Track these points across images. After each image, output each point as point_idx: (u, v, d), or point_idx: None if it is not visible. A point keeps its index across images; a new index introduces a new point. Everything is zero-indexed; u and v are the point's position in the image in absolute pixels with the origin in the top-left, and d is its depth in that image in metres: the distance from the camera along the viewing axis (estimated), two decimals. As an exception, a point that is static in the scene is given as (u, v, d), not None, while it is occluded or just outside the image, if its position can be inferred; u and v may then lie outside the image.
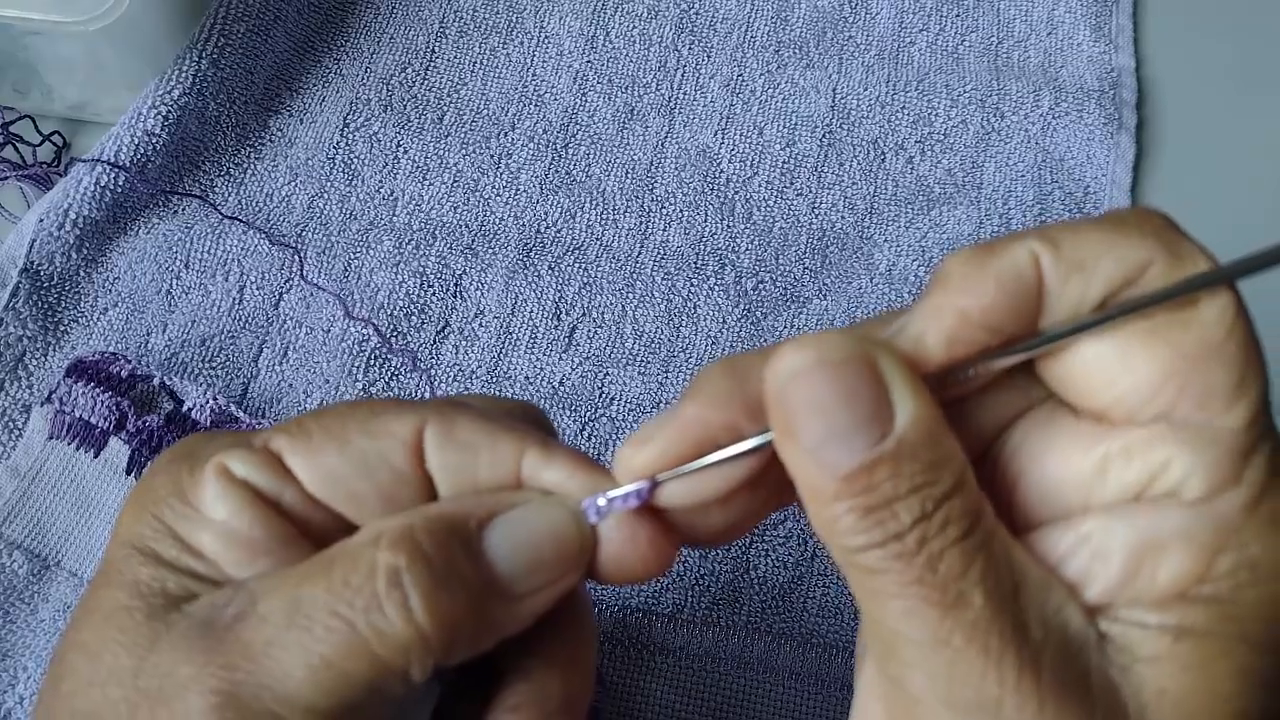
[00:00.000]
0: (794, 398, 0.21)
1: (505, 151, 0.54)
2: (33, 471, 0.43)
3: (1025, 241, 0.21)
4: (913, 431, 0.20)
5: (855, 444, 0.20)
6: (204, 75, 0.51)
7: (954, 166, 0.54)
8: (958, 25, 0.58)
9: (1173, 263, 0.21)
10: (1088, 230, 0.22)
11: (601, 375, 0.48)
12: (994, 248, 0.21)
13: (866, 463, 0.20)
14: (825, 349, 0.21)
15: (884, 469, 0.20)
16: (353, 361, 0.48)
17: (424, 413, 0.24)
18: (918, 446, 0.20)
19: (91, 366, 0.44)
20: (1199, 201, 0.54)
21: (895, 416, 0.20)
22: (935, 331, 0.21)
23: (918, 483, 0.20)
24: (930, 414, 0.21)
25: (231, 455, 0.24)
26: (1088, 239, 0.21)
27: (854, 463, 0.20)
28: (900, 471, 0.20)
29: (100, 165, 0.49)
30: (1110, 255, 0.21)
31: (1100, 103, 0.54)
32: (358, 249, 0.50)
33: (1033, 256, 0.21)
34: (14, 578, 0.42)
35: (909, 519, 0.20)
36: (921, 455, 0.20)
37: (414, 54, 0.57)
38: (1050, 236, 0.21)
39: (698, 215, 0.52)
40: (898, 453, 0.20)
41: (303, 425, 0.25)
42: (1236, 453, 0.21)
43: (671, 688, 0.42)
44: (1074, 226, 0.22)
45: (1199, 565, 0.20)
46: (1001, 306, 0.21)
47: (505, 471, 0.25)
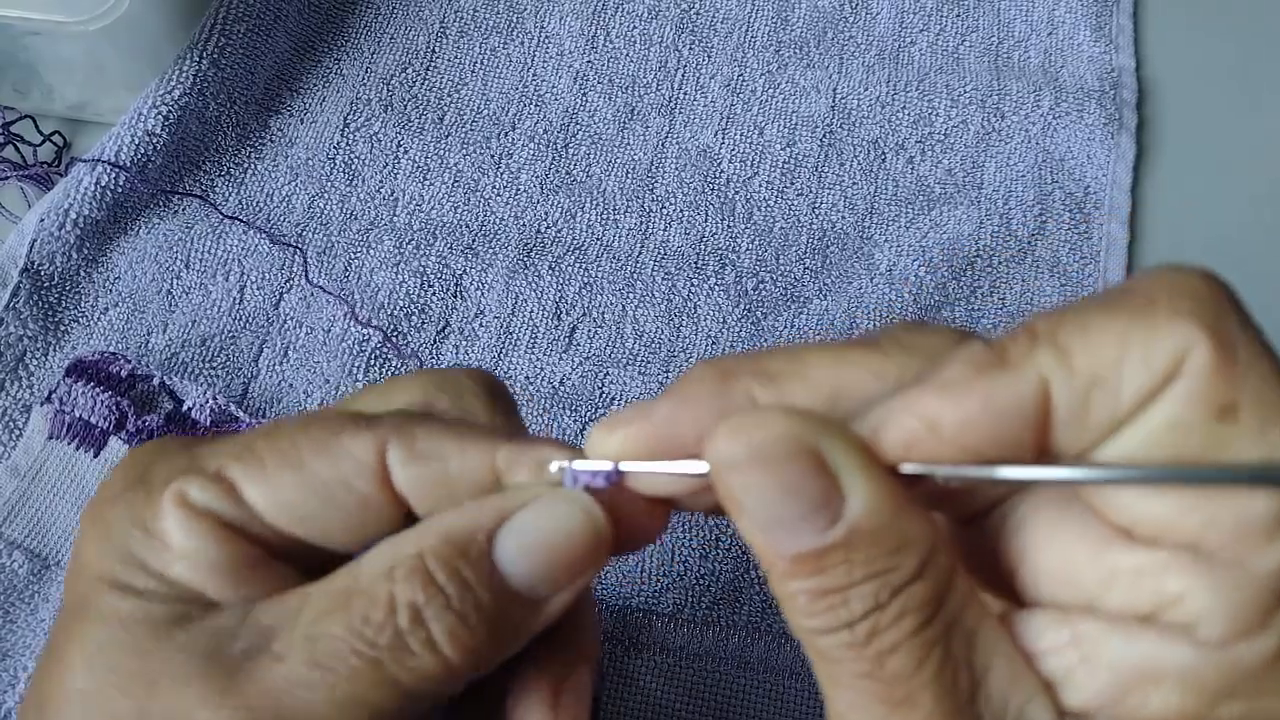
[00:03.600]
0: (734, 486, 0.20)
1: (506, 151, 0.54)
2: (33, 471, 0.43)
3: (1037, 357, 0.19)
4: (866, 519, 0.19)
5: (802, 532, 0.19)
6: (204, 75, 0.51)
7: (954, 166, 0.54)
8: (958, 25, 0.58)
9: (1215, 359, 0.18)
10: (1106, 319, 0.18)
11: (602, 375, 0.48)
12: (1005, 360, 0.19)
13: (815, 551, 0.19)
14: (763, 442, 0.19)
15: (835, 555, 0.19)
16: (353, 361, 0.48)
17: (381, 430, 0.23)
18: (873, 533, 0.19)
19: (91, 366, 0.44)
20: (1199, 201, 0.54)
21: (846, 503, 0.19)
22: (895, 431, 0.19)
23: (873, 570, 0.19)
24: (887, 498, 0.19)
25: (189, 482, 0.23)
26: (1106, 337, 0.18)
27: (801, 549, 0.19)
28: (853, 558, 0.19)
29: (101, 165, 0.49)
30: (1134, 359, 0.18)
31: (1101, 103, 0.54)
32: (358, 249, 0.50)
33: (1039, 384, 0.18)
34: (14, 577, 0.42)
35: (861, 608, 0.19)
36: (879, 541, 0.19)
37: (414, 54, 0.57)
38: (1063, 346, 0.18)
39: (698, 215, 0.52)
40: (849, 541, 0.19)
41: (253, 450, 0.23)
42: (1267, 597, 0.18)
43: (672, 687, 0.42)
44: (1092, 316, 0.18)
45: (1198, 708, 0.19)
46: (978, 432, 0.19)
47: (479, 475, 0.24)
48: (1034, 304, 0.50)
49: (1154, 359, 0.18)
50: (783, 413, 0.20)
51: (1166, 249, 0.53)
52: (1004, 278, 0.51)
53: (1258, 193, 0.54)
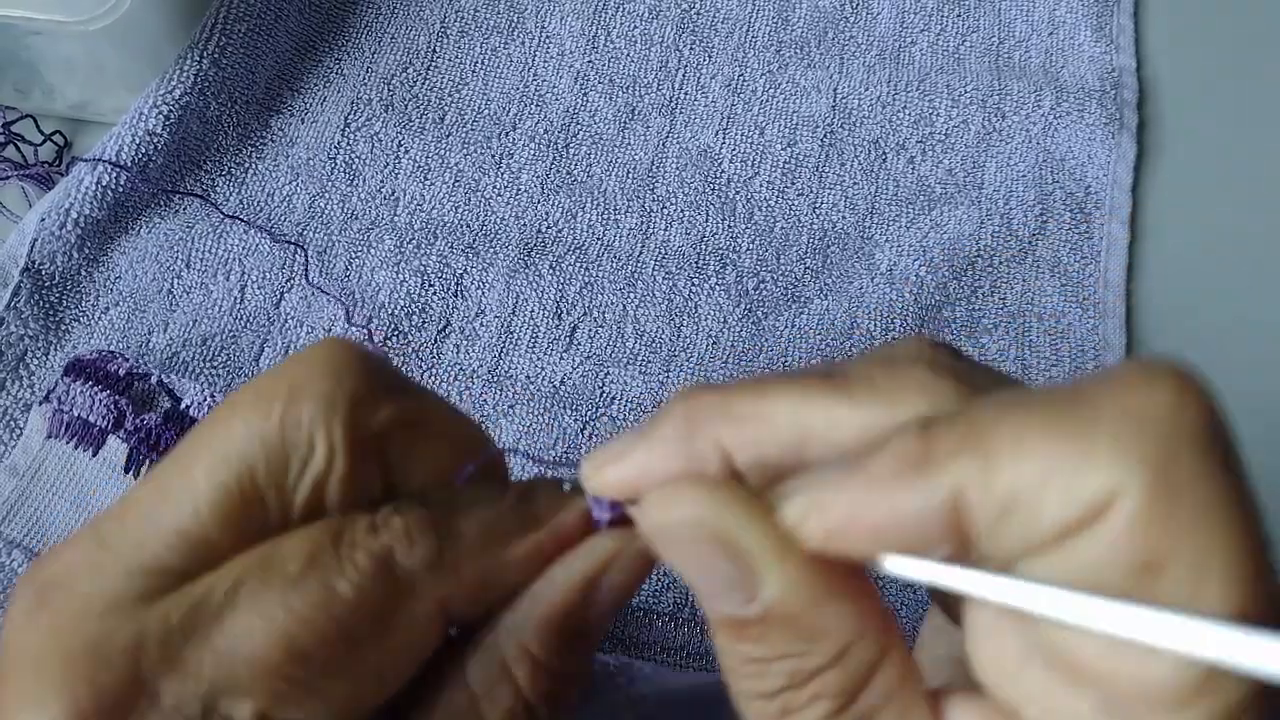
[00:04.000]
0: (662, 555, 0.20)
1: (506, 151, 0.54)
2: (31, 470, 0.43)
3: (956, 465, 0.17)
4: (780, 605, 0.19)
5: (727, 600, 0.19)
6: (205, 75, 0.51)
7: (955, 166, 0.54)
8: (959, 25, 0.58)
9: (1152, 497, 0.16)
10: (1038, 441, 0.16)
11: (602, 375, 0.48)
12: (927, 461, 0.18)
13: (736, 620, 0.19)
14: (677, 524, 0.20)
15: (753, 630, 0.19)
16: (353, 361, 0.48)
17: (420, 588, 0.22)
18: (785, 619, 0.19)
19: (89, 365, 0.44)
20: (1199, 201, 0.54)
21: (760, 587, 0.19)
22: (815, 522, 0.19)
23: (787, 652, 0.19)
24: (804, 585, 0.19)
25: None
26: (1033, 459, 0.16)
27: (722, 615, 0.19)
28: (767, 638, 0.19)
29: (101, 165, 0.49)
30: (1057, 488, 0.16)
31: (1101, 103, 0.54)
32: (359, 248, 0.50)
33: (955, 495, 0.17)
34: (14, 576, 0.42)
35: (777, 683, 0.19)
36: (791, 626, 0.19)
37: (415, 54, 0.57)
38: (990, 452, 0.17)
39: (699, 215, 0.52)
40: (764, 620, 0.19)
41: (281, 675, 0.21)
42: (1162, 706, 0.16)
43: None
44: (1023, 433, 0.17)
45: None
46: (900, 536, 0.18)
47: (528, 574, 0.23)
48: (1034, 304, 0.50)
49: (1079, 494, 0.16)
50: (701, 495, 0.20)
51: (1166, 249, 0.53)
52: (1004, 278, 0.51)
53: (1258, 192, 0.54)
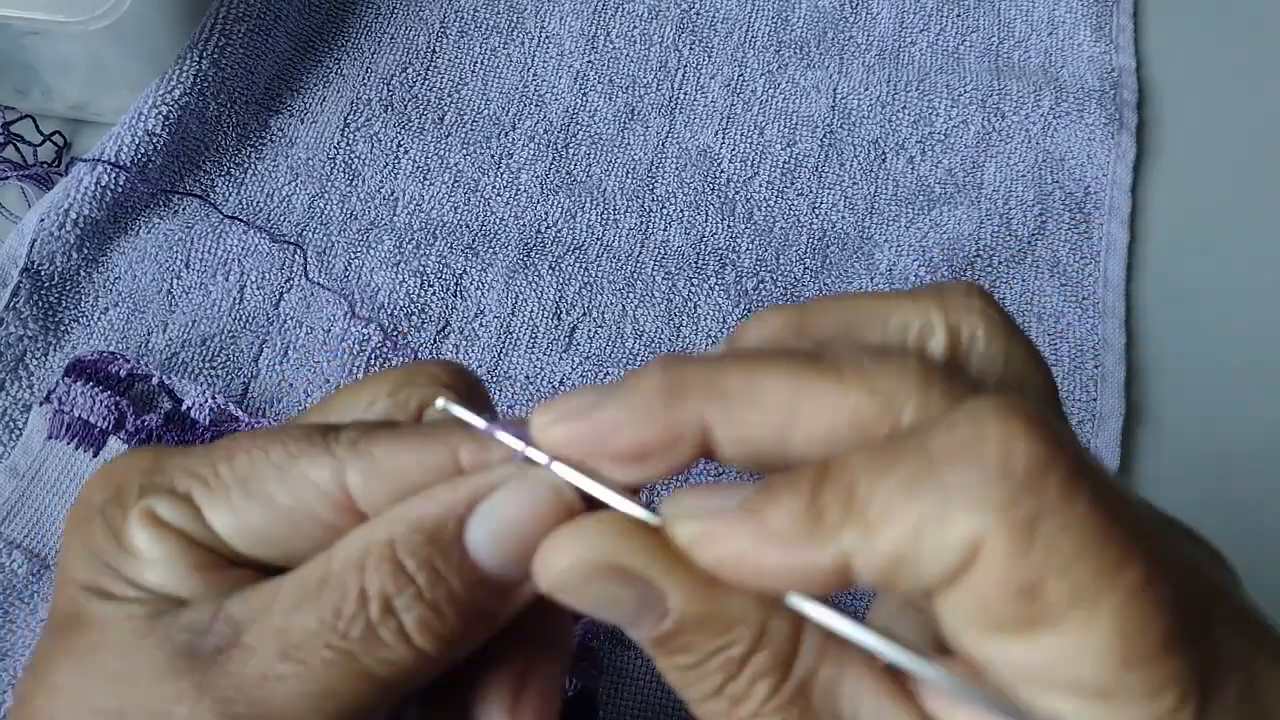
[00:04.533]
0: (568, 601, 0.21)
1: (506, 151, 0.54)
2: (32, 471, 0.43)
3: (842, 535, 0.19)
4: (689, 609, 0.20)
5: (643, 625, 0.20)
6: (205, 75, 0.51)
7: (954, 166, 0.54)
8: (958, 25, 0.58)
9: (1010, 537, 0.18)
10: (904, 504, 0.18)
11: (602, 375, 0.48)
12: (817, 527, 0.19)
13: (658, 638, 0.20)
14: (569, 570, 0.20)
15: (678, 641, 0.20)
16: (353, 361, 0.48)
17: (340, 452, 0.23)
18: (699, 618, 0.20)
19: (90, 366, 0.44)
20: (1199, 201, 0.54)
21: (666, 601, 0.20)
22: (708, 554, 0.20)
23: (715, 646, 0.20)
24: (702, 588, 0.20)
25: (157, 501, 0.23)
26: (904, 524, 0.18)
27: (648, 638, 0.20)
28: (692, 645, 0.20)
29: (101, 165, 0.49)
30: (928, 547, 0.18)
31: (1101, 103, 0.54)
32: (358, 249, 0.50)
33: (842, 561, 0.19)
34: (13, 577, 0.42)
35: (717, 680, 0.20)
36: (707, 624, 0.20)
37: (415, 54, 0.57)
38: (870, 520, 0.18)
39: (698, 215, 0.52)
40: (681, 628, 0.20)
41: (218, 474, 0.23)
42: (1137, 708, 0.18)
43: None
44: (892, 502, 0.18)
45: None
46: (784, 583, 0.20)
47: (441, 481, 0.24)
48: (1034, 304, 0.50)
49: (947, 549, 0.18)
50: (581, 533, 0.21)
51: (1167, 249, 0.53)
52: (1004, 278, 0.51)
53: (1257, 192, 0.54)
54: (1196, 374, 0.50)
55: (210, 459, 0.24)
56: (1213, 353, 0.50)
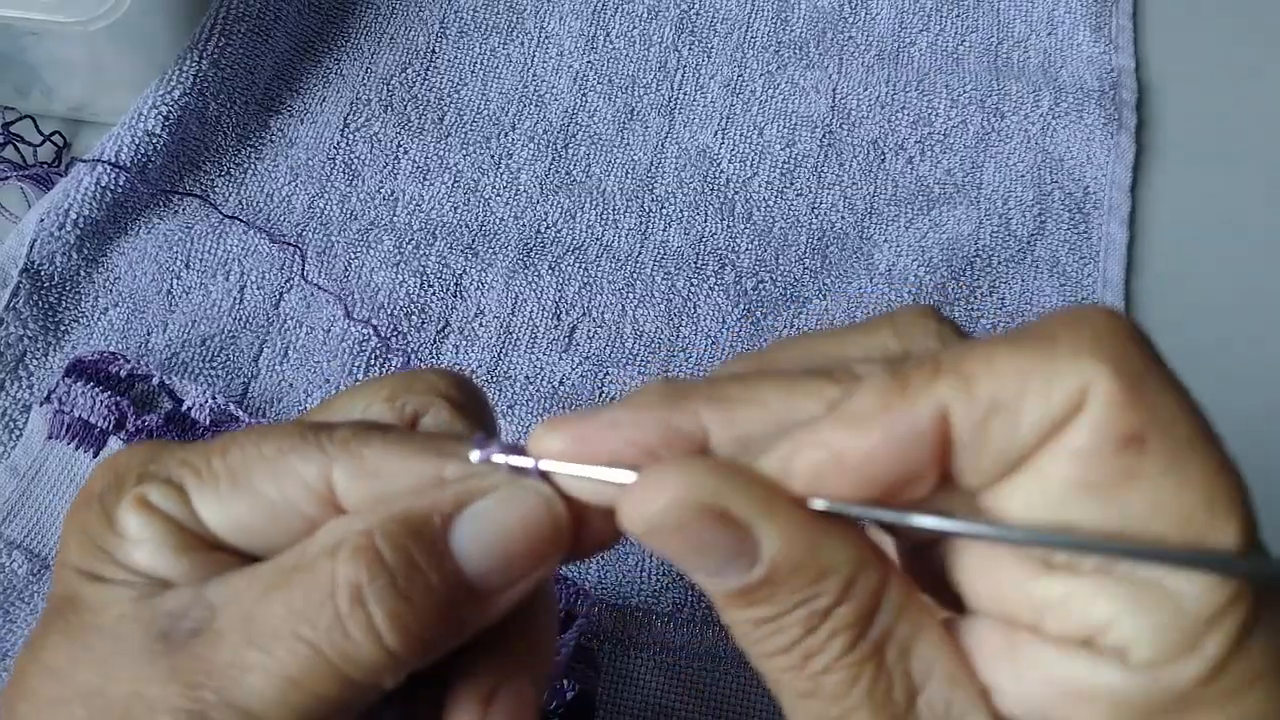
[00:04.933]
0: (654, 548, 0.20)
1: (505, 152, 0.54)
2: (32, 471, 0.43)
3: (936, 387, 0.19)
4: (782, 557, 0.19)
5: (727, 576, 0.20)
6: (205, 75, 0.52)
7: (954, 167, 0.54)
8: (957, 26, 0.58)
9: (1118, 391, 0.18)
10: (1010, 352, 0.19)
11: (601, 375, 0.48)
12: (906, 388, 0.19)
13: (740, 590, 0.20)
14: (666, 509, 0.20)
15: (761, 591, 0.20)
16: (353, 361, 0.48)
17: (330, 449, 0.23)
18: (791, 568, 0.19)
19: (90, 366, 0.44)
20: (1199, 201, 0.54)
21: (760, 548, 0.19)
22: (802, 463, 0.20)
23: (798, 599, 0.20)
24: (799, 535, 0.20)
25: (149, 487, 0.24)
26: (1007, 366, 0.18)
27: (729, 590, 0.20)
28: (776, 594, 0.20)
29: (101, 165, 0.49)
30: (1034, 389, 0.18)
31: (1100, 103, 0.54)
32: (358, 249, 0.50)
33: (939, 411, 0.19)
34: (14, 577, 0.42)
35: (794, 634, 0.20)
36: (798, 573, 0.20)
37: (414, 54, 0.57)
38: (966, 373, 0.19)
39: (698, 215, 0.52)
40: (770, 578, 0.20)
41: (208, 463, 0.24)
42: (1197, 616, 0.18)
43: (672, 686, 0.42)
44: (996, 349, 0.19)
45: None
46: (880, 464, 0.19)
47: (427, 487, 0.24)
48: (1033, 304, 0.50)
49: (1054, 392, 0.18)
50: (684, 472, 0.20)
51: (1166, 249, 0.53)
52: (1003, 278, 0.51)
53: (1257, 192, 0.54)
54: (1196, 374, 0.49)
55: (206, 451, 0.24)
56: (1213, 352, 0.50)
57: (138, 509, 0.24)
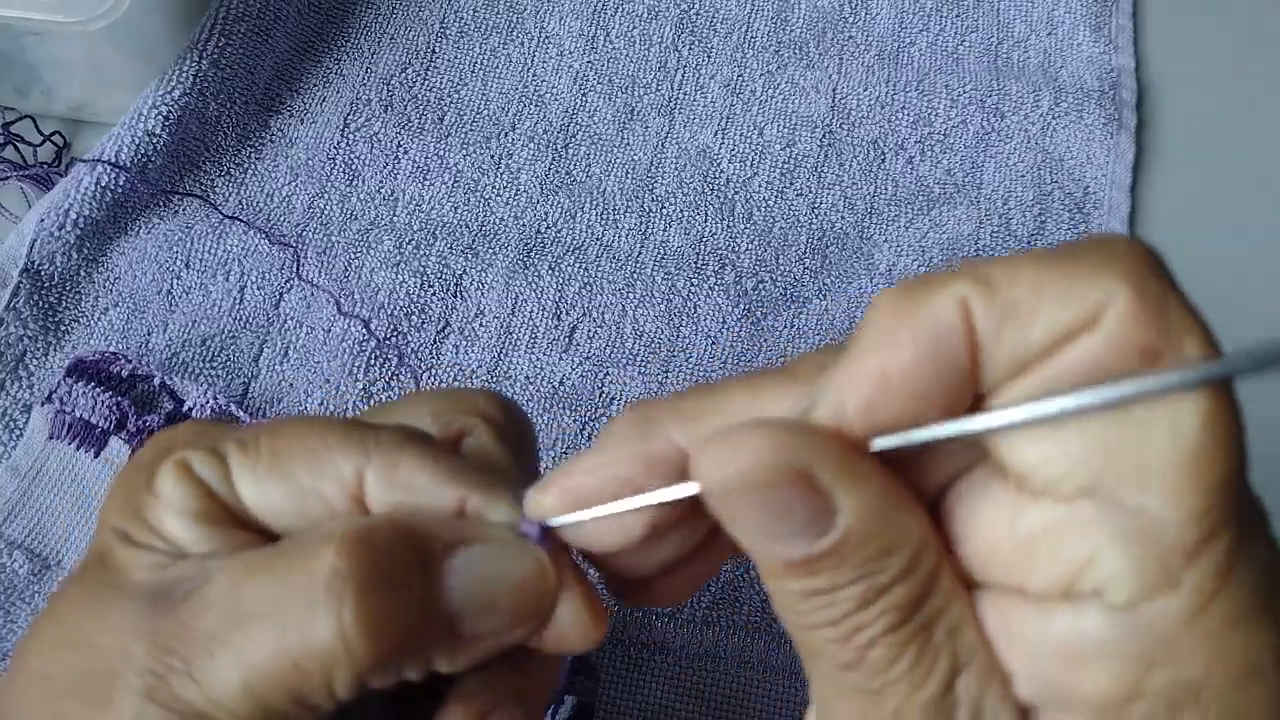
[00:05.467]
0: (724, 511, 0.20)
1: (505, 152, 0.54)
2: (33, 471, 0.43)
3: (953, 283, 0.18)
4: (858, 525, 0.19)
5: (796, 544, 0.19)
6: (204, 75, 0.52)
7: (954, 167, 0.54)
8: (957, 25, 0.58)
9: (1135, 308, 0.17)
10: (1029, 264, 0.18)
11: (601, 375, 0.48)
12: (917, 291, 0.19)
13: (807, 558, 0.19)
14: (751, 469, 0.19)
15: (826, 561, 0.19)
16: (353, 361, 0.48)
17: (370, 449, 0.24)
18: (862, 539, 0.19)
19: (91, 366, 0.44)
20: (1199, 201, 0.54)
21: (837, 514, 0.19)
22: (853, 402, 0.19)
23: (861, 572, 0.19)
24: (878, 500, 0.19)
25: (193, 454, 0.24)
26: (1024, 276, 0.18)
27: (794, 557, 0.19)
28: (843, 564, 0.19)
29: (101, 165, 0.49)
30: (1051, 297, 0.18)
31: (1100, 103, 0.54)
32: (358, 249, 0.50)
33: (960, 303, 0.18)
34: (14, 577, 0.42)
35: (847, 607, 0.19)
36: (867, 545, 0.19)
37: (414, 54, 0.57)
38: (984, 275, 0.18)
39: (698, 215, 0.52)
40: (839, 548, 0.19)
41: (257, 442, 0.24)
42: (1176, 549, 0.17)
43: (671, 687, 0.42)
44: (1017, 260, 0.18)
45: (1126, 682, 0.18)
46: (922, 368, 0.18)
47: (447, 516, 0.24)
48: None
49: (1072, 299, 0.18)
50: (767, 432, 0.19)
51: (1166, 249, 0.53)
52: (1003, 278, 0.51)
53: (1257, 192, 0.54)
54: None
55: (256, 429, 0.25)
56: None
57: (176, 473, 0.24)
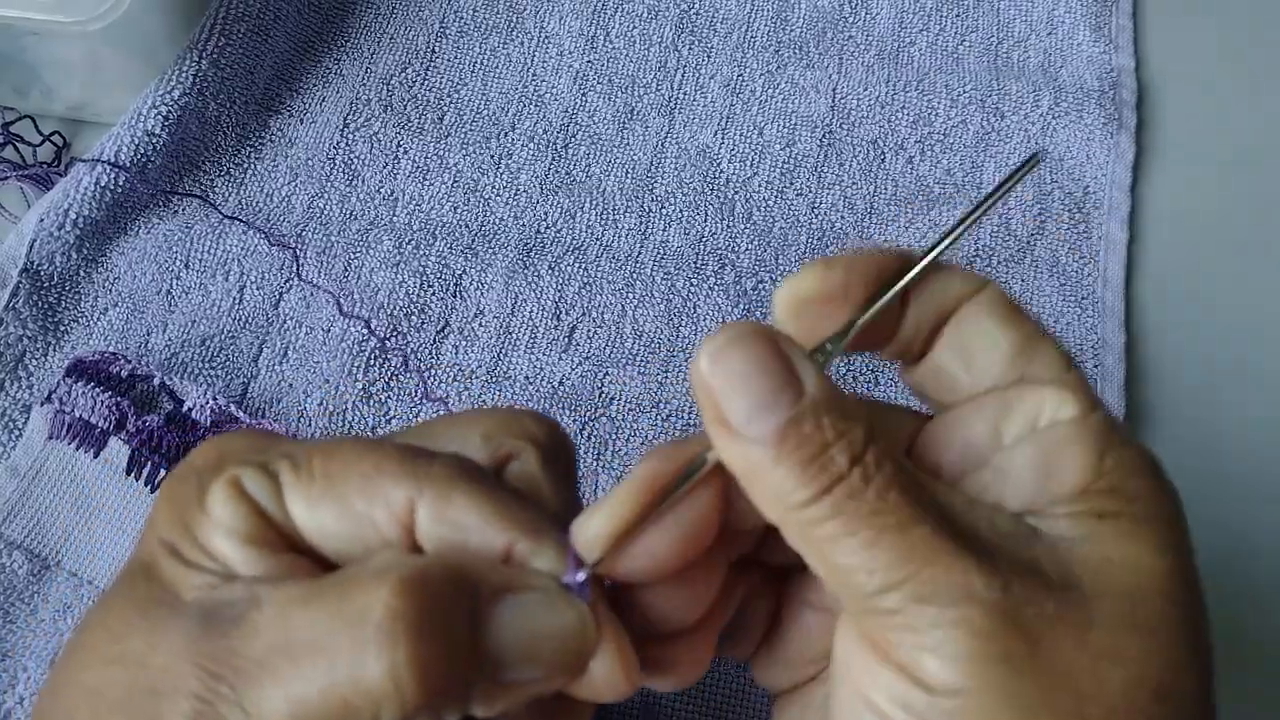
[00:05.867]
0: (717, 378, 0.22)
1: (505, 151, 0.54)
2: (32, 471, 0.43)
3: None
4: (820, 392, 0.22)
5: (779, 406, 0.22)
6: (204, 75, 0.51)
7: (954, 166, 0.54)
8: (957, 25, 0.58)
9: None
10: None
11: (601, 375, 0.48)
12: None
13: (793, 418, 0.22)
14: (733, 330, 0.23)
15: (808, 421, 0.22)
16: (352, 361, 0.48)
17: (423, 482, 0.24)
18: (829, 403, 0.22)
19: (91, 366, 0.44)
20: (1199, 201, 0.54)
21: (803, 381, 0.22)
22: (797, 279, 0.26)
23: (840, 430, 0.22)
24: (827, 378, 0.23)
25: (246, 471, 0.24)
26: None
27: (782, 420, 0.22)
28: (822, 422, 0.22)
29: (100, 165, 0.49)
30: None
31: (1100, 103, 0.54)
32: (358, 249, 0.50)
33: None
34: (14, 578, 0.42)
35: (845, 461, 0.22)
36: (834, 408, 0.22)
37: (414, 54, 0.57)
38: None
39: (697, 215, 0.52)
40: (815, 407, 0.22)
41: (310, 463, 0.24)
42: (1086, 390, 0.24)
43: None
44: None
45: (1092, 462, 0.23)
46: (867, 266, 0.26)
47: (493, 557, 0.24)
48: (1033, 304, 0.50)
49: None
50: (744, 321, 0.23)
51: (1166, 249, 0.53)
52: (1003, 278, 0.51)
53: (1257, 192, 0.54)
54: (1196, 374, 0.50)
55: (310, 449, 0.25)
56: (1213, 352, 0.50)
57: (228, 491, 0.24)
